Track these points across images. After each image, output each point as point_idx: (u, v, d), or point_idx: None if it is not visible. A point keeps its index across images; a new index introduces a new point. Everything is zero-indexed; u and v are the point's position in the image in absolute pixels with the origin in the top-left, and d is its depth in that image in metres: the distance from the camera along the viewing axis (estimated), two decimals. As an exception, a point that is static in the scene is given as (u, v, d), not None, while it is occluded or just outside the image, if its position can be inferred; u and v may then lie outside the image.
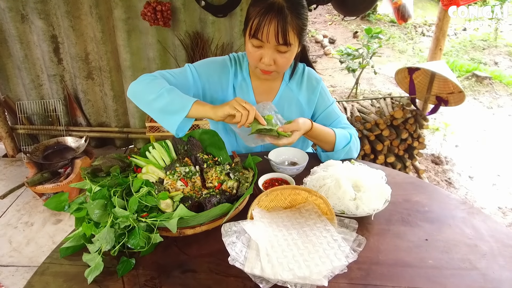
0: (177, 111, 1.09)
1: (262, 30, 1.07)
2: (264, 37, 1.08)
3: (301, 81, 1.35)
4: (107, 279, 0.84)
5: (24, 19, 2.84)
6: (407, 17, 2.84)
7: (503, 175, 3.31)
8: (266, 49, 1.12)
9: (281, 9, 1.05)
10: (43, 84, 3.15)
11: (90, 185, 0.95)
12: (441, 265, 0.87)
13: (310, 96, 1.35)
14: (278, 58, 1.14)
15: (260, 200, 0.96)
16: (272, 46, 1.11)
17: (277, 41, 1.08)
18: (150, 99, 1.12)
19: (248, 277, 0.79)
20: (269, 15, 1.05)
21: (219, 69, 1.31)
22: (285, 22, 1.06)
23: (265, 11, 1.06)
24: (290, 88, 1.35)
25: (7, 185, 2.84)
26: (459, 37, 6.97)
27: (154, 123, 2.35)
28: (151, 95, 1.12)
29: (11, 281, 2.03)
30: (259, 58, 1.15)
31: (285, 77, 1.35)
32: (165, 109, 1.11)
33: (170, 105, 1.10)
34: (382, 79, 5.47)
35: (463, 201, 1.13)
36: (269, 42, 1.09)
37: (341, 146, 1.27)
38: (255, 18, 1.07)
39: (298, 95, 1.35)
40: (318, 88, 1.35)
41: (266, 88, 1.35)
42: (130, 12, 2.72)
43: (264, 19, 1.06)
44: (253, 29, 1.09)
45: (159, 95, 1.10)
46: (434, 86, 2.82)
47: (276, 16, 1.05)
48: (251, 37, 1.11)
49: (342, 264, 0.81)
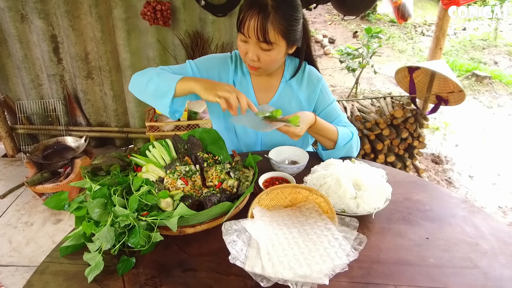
0: (166, 92, 1.12)
1: (244, 24, 1.09)
2: (245, 31, 1.10)
3: (301, 79, 1.35)
4: (107, 278, 0.83)
5: (23, 18, 2.84)
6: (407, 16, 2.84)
7: (503, 174, 3.31)
8: (250, 45, 1.14)
9: (264, 6, 1.06)
10: (43, 84, 3.15)
11: (90, 184, 0.95)
12: (442, 264, 0.87)
13: (311, 94, 1.35)
14: (262, 55, 1.15)
15: (261, 199, 0.96)
16: (254, 42, 1.12)
17: (257, 38, 1.09)
18: (143, 86, 1.18)
19: (249, 276, 0.79)
20: (251, 11, 1.07)
21: (219, 65, 1.33)
22: (266, 20, 1.06)
23: (249, 6, 1.08)
24: (290, 85, 1.35)
25: (6, 185, 2.83)
26: (459, 37, 6.97)
27: (154, 123, 2.35)
28: (143, 82, 1.17)
29: (10, 281, 2.02)
30: (245, 53, 1.17)
31: (285, 74, 1.35)
32: (156, 93, 1.15)
33: (159, 87, 1.14)
34: (382, 78, 5.47)
35: (464, 200, 1.13)
36: (250, 37, 1.11)
37: (342, 143, 1.27)
38: (242, 12, 1.10)
39: (298, 93, 1.35)
40: (319, 86, 1.35)
41: (266, 85, 1.35)
42: (129, 12, 2.72)
43: (247, 14, 1.08)
44: (238, 23, 1.12)
45: (149, 79, 1.16)
46: (434, 85, 2.82)
47: (257, 12, 1.06)
48: (238, 30, 1.14)
49: (343, 262, 0.80)
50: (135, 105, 3.12)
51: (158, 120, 2.35)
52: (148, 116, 2.41)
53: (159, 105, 1.16)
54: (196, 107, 2.39)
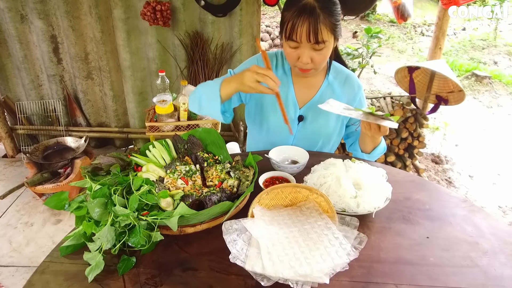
0: (213, 100, 1.21)
1: (296, 31, 1.11)
2: (299, 38, 1.12)
3: (343, 84, 1.38)
4: (108, 278, 0.83)
5: (23, 19, 2.84)
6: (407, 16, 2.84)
7: (503, 174, 3.31)
8: (303, 49, 1.16)
9: (312, 9, 1.09)
10: (43, 84, 3.15)
11: (90, 183, 0.95)
12: (442, 263, 0.87)
13: (350, 100, 1.38)
14: (315, 56, 1.18)
15: (261, 198, 0.96)
16: (308, 46, 1.15)
17: (312, 41, 1.12)
18: (197, 102, 1.29)
19: (249, 275, 0.79)
20: (301, 17, 1.10)
21: (258, 63, 1.35)
22: (317, 22, 1.10)
23: (298, 13, 1.10)
24: (332, 87, 1.38)
25: (6, 186, 2.83)
26: (459, 37, 6.98)
27: (154, 123, 2.34)
28: (196, 98, 1.30)
29: (11, 281, 2.02)
30: (296, 58, 1.19)
31: (328, 74, 1.38)
32: (206, 104, 1.24)
33: (207, 97, 1.25)
34: (381, 78, 5.48)
35: (464, 199, 1.13)
36: (303, 42, 1.13)
37: (381, 150, 1.37)
38: (290, 21, 1.12)
39: (339, 95, 1.38)
40: (359, 94, 1.39)
41: (307, 84, 1.37)
42: (129, 12, 2.72)
43: (297, 21, 1.10)
44: (288, 32, 1.14)
45: (198, 94, 1.28)
46: (434, 85, 2.82)
47: (307, 17, 1.09)
48: (287, 39, 1.16)
49: (344, 261, 0.80)
50: (135, 105, 3.12)
51: (158, 120, 2.35)
52: (148, 116, 2.40)
53: (212, 112, 1.24)
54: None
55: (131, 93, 3.05)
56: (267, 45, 6.26)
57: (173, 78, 3.05)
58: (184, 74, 3.02)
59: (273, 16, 7.42)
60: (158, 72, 2.54)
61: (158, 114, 2.36)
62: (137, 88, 3.04)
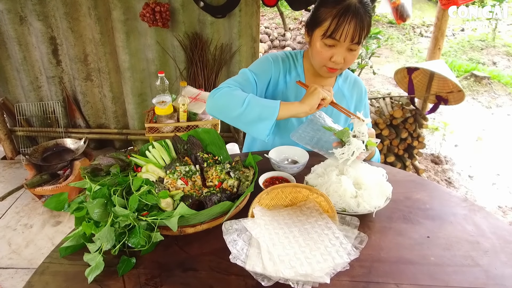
0: (267, 117, 1.11)
1: (340, 31, 1.10)
2: (343, 37, 1.11)
3: (352, 88, 1.39)
4: (108, 279, 0.83)
5: (22, 20, 2.84)
6: (406, 16, 2.84)
7: (502, 174, 3.31)
8: (339, 48, 1.15)
9: (357, 10, 1.09)
10: (42, 86, 3.14)
11: (90, 184, 0.95)
12: (443, 262, 0.87)
13: (357, 105, 1.40)
14: (348, 56, 1.17)
15: (261, 198, 0.96)
16: (345, 45, 1.14)
17: (354, 41, 1.12)
18: (238, 113, 1.13)
19: (250, 275, 0.79)
20: (346, 17, 1.09)
21: (272, 66, 1.33)
22: (363, 23, 1.10)
23: (343, 12, 1.09)
24: (342, 91, 1.39)
25: (6, 187, 2.83)
26: (457, 38, 6.99)
27: (154, 124, 2.34)
28: (237, 108, 1.13)
29: (10, 283, 2.02)
30: (329, 57, 1.18)
31: (338, 78, 1.38)
32: (255, 119, 1.12)
33: (260, 113, 1.12)
34: (381, 79, 5.48)
35: (464, 199, 1.13)
36: (345, 41, 1.13)
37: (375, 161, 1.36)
38: (332, 19, 1.11)
39: (348, 100, 1.39)
40: (365, 99, 1.41)
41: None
42: (128, 13, 2.72)
43: (343, 21, 1.09)
44: (330, 30, 1.12)
45: (245, 107, 1.12)
46: (433, 85, 2.83)
47: (354, 17, 1.09)
48: (326, 37, 1.13)
49: (344, 261, 0.80)
50: (134, 106, 3.12)
51: (158, 122, 2.35)
52: (148, 118, 2.40)
53: (256, 128, 1.13)
54: (195, 108, 2.39)
55: (130, 95, 3.05)
56: (266, 46, 6.26)
57: (172, 79, 3.05)
58: (183, 75, 3.02)
59: (272, 17, 7.42)
60: (157, 73, 2.53)
61: (157, 115, 2.35)
62: (137, 89, 3.04)
